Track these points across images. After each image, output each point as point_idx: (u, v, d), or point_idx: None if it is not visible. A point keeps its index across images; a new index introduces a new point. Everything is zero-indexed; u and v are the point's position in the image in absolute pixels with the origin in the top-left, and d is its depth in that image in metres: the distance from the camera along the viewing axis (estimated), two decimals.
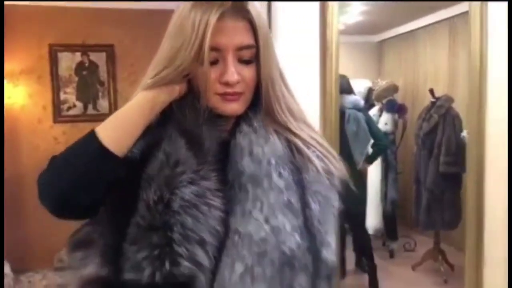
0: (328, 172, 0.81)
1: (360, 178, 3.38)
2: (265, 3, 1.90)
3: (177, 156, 0.75)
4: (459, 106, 3.36)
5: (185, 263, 0.70)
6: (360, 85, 4.30)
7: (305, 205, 0.76)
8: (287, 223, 0.73)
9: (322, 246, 0.76)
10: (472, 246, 2.12)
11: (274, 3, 1.88)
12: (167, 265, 0.70)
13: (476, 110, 2.01)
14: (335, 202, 0.82)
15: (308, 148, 0.81)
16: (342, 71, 3.62)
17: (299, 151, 0.80)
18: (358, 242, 3.57)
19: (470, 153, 2.09)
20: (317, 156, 0.81)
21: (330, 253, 0.77)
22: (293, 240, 0.72)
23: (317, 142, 0.83)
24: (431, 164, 3.46)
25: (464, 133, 2.98)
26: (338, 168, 0.84)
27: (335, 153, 0.86)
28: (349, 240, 3.68)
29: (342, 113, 3.13)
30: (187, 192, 0.72)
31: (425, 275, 3.66)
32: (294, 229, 0.73)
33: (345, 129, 3.14)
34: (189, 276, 0.70)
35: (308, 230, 0.75)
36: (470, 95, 2.02)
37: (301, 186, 0.77)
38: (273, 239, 0.71)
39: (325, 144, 0.85)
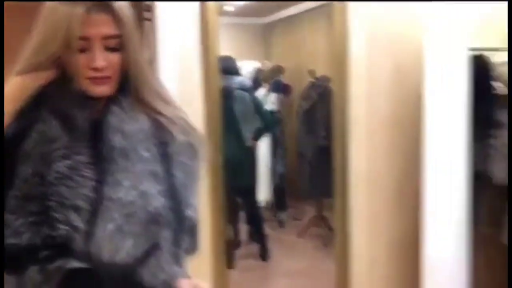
0: (192, 145, 0.95)
1: (250, 155, 3.59)
2: None
3: (51, 134, 0.84)
4: None
5: (62, 227, 0.80)
6: (249, 66, 4.50)
7: (170, 173, 0.90)
8: (153, 188, 0.86)
9: (185, 206, 0.91)
10: (339, 210, 2.42)
11: None
12: (45, 229, 0.79)
13: (339, 88, 2.28)
14: (198, 170, 0.96)
15: (174, 125, 0.93)
16: (231, 52, 3.79)
17: (165, 128, 0.92)
18: (250, 215, 3.80)
19: (335, 127, 2.37)
20: (182, 132, 0.94)
21: (192, 212, 0.92)
22: (158, 202, 0.85)
23: (182, 120, 0.96)
24: (311, 139, 3.79)
25: None
26: (201, 142, 0.98)
27: (198, 130, 1.00)
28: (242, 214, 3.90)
29: (229, 93, 3.31)
30: (61, 165, 0.83)
31: (310, 240, 4.02)
32: (159, 193, 0.86)
33: (233, 108, 3.31)
34: (66, 238, 0.80)
35: (172, 193, 0.89)
36: (334, 74, 2.30)
37: (166, 158, 0.90)
38: (140, 202, 0.83)
39: (190, 122, 0.98)
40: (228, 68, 3.36)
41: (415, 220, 2.30)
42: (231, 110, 3.29)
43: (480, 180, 2.35)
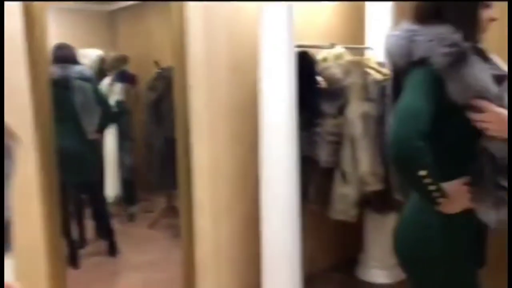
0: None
1: (92, 148, 3.43)
2: None
3: None
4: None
5: None
6: (91, 55, 4.28)
7: None
8: None
9: None
10: (184, 200, 2.48)
11: None
12: None
13: (180, 79, 2.33)
14: (10, 169, 0.91)
15: None
16: (72, 40, 3.55)
17: None
18: (96, 211, 3.64)
19: (177, 118, 2.41)
20: None
21: (5, 211, 0.87)
22: None
23: None
24: (160, 130, 3.78)
25: None
26: (13, 139, 0.93)
27: (10, 127, 0.94)
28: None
29: (67, 83, 3.12)
30: None
31: (160, 232, 4.02)
32: None
33: (72, 99, 3.13)
34: None
35: None
36: (174, 65, 2.34)
37: None
38: None
39: None
40: (65, 56, 3.16)
41: (256, 204, 2.47)
42: (70, 101, 3.11)
43: (308, 164, 2.63)
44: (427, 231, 1.32)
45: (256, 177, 2.44)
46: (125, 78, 4.13)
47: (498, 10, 1.34)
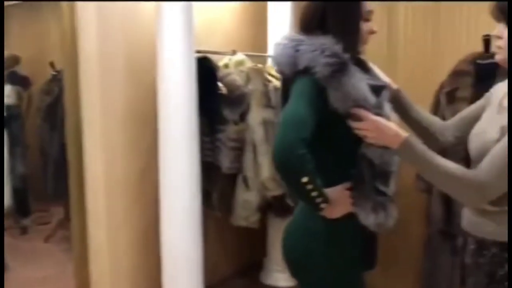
0: None
1: None
2: None
3: None
4: None
5: None
6: None
7: None
8: None
9: None
10: (76, 210, 2.33)
11: None
12: None
13: (70, 80, 2.19)
14: None
15: None
16: None
17: None
18: None
19: (68, 127, 2.26)
20: None
21: None
22: None
23: None
24: (55, 136, 3.54)
25: None
26: None
27: None
28: None
29: None
30: None
31: (57, 245, 3.76)
32: None
33: None
34: None
35: None
36: (65, 67, 2.20)
37: None
38: None
39: None
40: None
41: (155, 212, 2.39)
42: None
43: (211, 170, 2.60)
44: (312, 237, 1.35)
45: (155, 184, 2.37)
46: (17, 80, 3.82)
47: (376, 24, 1.42)
